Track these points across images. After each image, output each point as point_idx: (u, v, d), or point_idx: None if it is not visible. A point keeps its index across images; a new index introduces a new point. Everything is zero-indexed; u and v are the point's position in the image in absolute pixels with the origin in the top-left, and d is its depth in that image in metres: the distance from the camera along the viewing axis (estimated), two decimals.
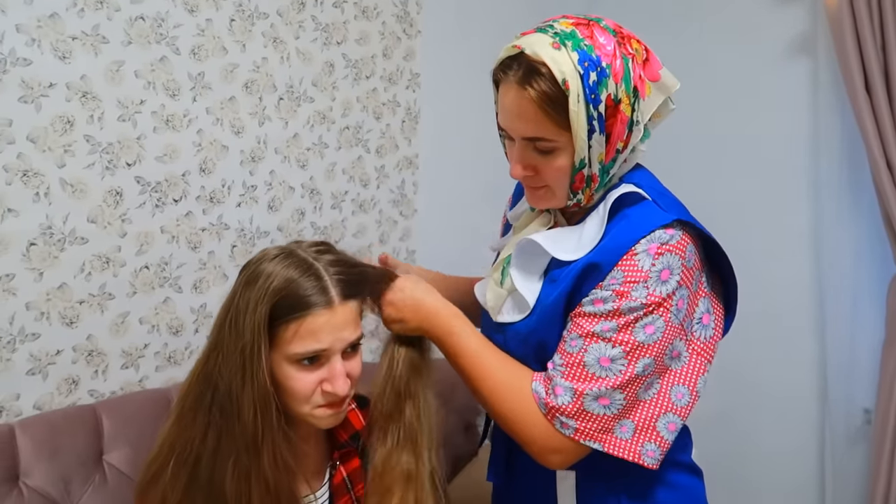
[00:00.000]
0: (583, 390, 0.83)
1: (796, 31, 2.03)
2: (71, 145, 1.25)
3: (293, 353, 0.83)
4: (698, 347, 0.89)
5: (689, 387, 0.87)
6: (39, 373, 1.25)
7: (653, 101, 0.87)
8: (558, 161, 0.85)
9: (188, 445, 0.85)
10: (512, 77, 0.84)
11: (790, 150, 2.07)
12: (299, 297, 0.83)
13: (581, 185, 0.88)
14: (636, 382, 0.83)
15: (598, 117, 0.82)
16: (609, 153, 0.86)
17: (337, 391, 0.84)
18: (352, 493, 0.96)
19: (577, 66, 0.80)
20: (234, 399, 0.82)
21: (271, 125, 1.57)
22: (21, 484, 1.13)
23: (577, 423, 0.83)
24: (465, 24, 1.99)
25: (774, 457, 2.14)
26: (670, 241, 0.84)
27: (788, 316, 2.09)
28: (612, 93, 0.82)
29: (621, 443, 0.84)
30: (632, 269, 0.83)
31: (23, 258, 1.21)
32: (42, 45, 1.21)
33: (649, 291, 0.82)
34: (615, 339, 0.83)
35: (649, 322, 0.83)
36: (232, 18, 1.48)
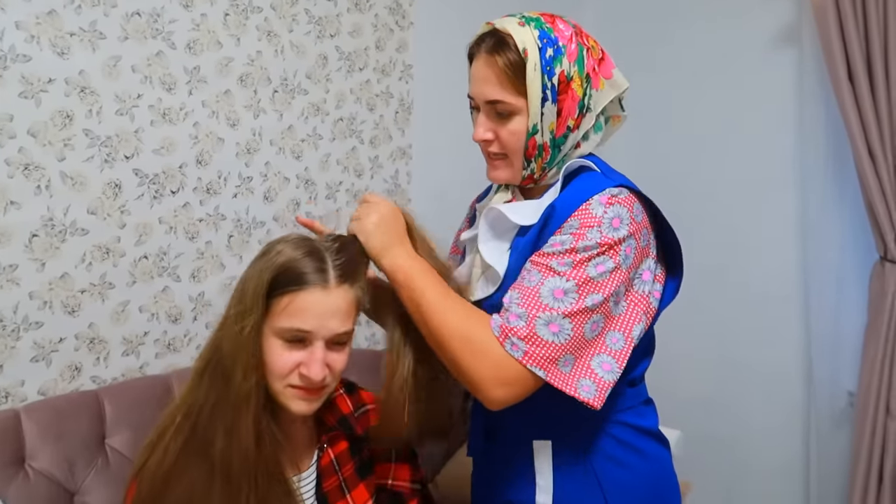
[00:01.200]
0: (535, 314, 0.88)
1: (782, 22, 2.06)
2: (70, 139, 1.29)
3: (280, 326, 0.88)
4: (635, 298, 0.95)
5: (623, 333, 0.93)
6: (43, 360, 1.29)
7: (605, 95, 0.99)
8: (514, 124, 0.96)
9: (192, 406, 0.90)
10: (483, 48, 0.97)
11: (776, 139, 2.11)
12: (298, 272, 0.88)
13: (533, 153, 0.97)
14: (584, 315, 0.88)
15: (552, 88, 0.94)
16: (560, 127, 0.96)
17: (311, 375, 0.87)
18: (339, 473, 1.00)
19: (537, 41, 0.94)
20: (231, 359, 0.87)
21: (266, 117, 1.61)
22: (27, 466, 1.17)
23: (527, 346, 0.87)
24: (457, 16, 2.02)
25: (761, 437, 2.19)
26: (619, 195, 0.93)
27: (775, 301, 2.14)
28: (565, 69, 0.94)
29: (562, 374, 0.88)
30: (586, 215, 0.92)
31: (25, 249, 1.25)
32: (41, 42, 1.24)
33: (602, 234, 0.90)
34: (569, 274, 0.89)
35: (600, 262, 0.90)
36: (226, 13, 1.51)
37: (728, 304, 2.24)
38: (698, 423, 2.26)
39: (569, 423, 0.98)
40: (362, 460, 1.04)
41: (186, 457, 0.89)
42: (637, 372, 1.03)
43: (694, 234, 2.25)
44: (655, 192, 2.39)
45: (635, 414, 1.03)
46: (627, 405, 1.02)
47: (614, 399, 0.98)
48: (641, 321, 0.94)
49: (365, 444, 1.05)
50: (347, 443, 1.02)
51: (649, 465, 1.02)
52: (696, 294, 2.26)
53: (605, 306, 0.90)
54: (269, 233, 1.63)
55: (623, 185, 0.96)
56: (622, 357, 0.91)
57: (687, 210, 2.28)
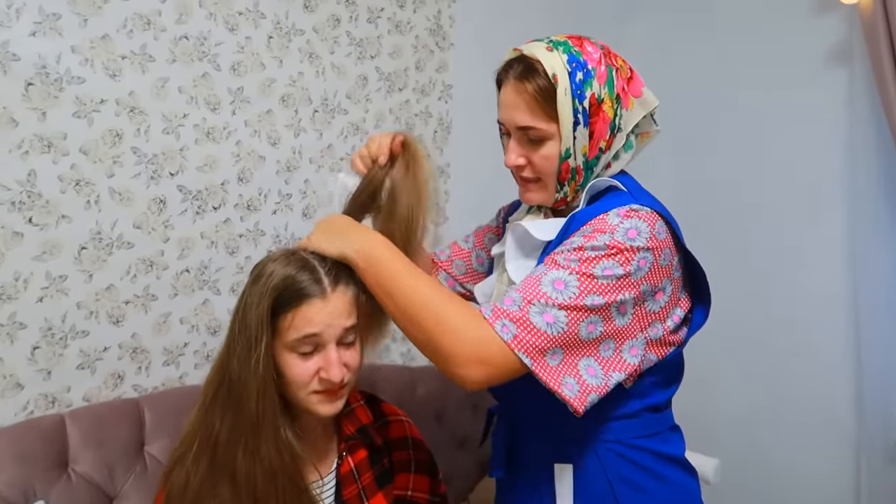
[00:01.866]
0: (531, 299, 0.86)
1: (832, 40, 2.01)
2: (119, 157, 1.35)
3: (290, 340, 0.92)
4: (640, 314, 0.92)
5: (615, 343, 0.90)
6: (88, 367, 1.34)
7: (635, 114, 0.99)
8: (547, 149, 0.96)
9: (209, 430, 0.94)
10: (512, 74, 0.97)
11: (825, 160, 2.05)
12: (296, 289, 0.92)
13: (567, 176, 0.97)
14: (581, 312, 0.85)
15: (583, 112, 0.94)
16: (592, 149, 0.96)
17: (332, 377, 0.92)
18: (359, 482, 1.02)
19: (566, 65, 0.94)
20: (243, 385, 0.91)
21: (306, 136, 1.65)
22: (70, 470, 1.22)
23: (517, 329, 0.84)
24: (496, 37, 2.04)
25: (807, 469, 2.11)
26: (640, 211, 0.91)
27: (822, 327, 2.06)
28: (595, 92, 0.94)
29: (548, 366, 0.85)
30: (601, 223, 0.91)
31: (75, 261, 1.31)
32: (94, 65, 1.30)
33: (614, 238, 0.88)
34: (572, 268, 0.87)
35: (608, 266, 0.87)
36: (270, 35, 1.56)
37: (772, 329, 2.17)
38: (739, 453, 2.19)
39: (590, 447, 0.97)
40: (382, 470, 1.05)
41: (212, 479, 0.93)
42: (659, 398, 1.00)
43: (738, 256, 2.22)
44: (700, 212, 2.37)
45: (660, 440, 1.00)
46: (651, 431, 0.99)
47: (636, 424, 0.96)
48: (635, 338, 0.92)
49: (385, 454, 1.06)
50: (367, 452, 1.04)
51: (673, 493, 0.99)
52: (739, 319, 2.21)
53: (606, 311, 0.87)
54: None
55: (646, 204, 0.94)
56: (609, 366, 0.89)
57: (732, 230, 2.24)
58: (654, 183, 2.45)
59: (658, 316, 0.94)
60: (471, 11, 1.99)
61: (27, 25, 1.21)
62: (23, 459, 1.17)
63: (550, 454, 1.00)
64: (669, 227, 0.95)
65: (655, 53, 2.42)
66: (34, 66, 1.23)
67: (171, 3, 1.40)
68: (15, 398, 1.25)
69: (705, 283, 1.00)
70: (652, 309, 0.93)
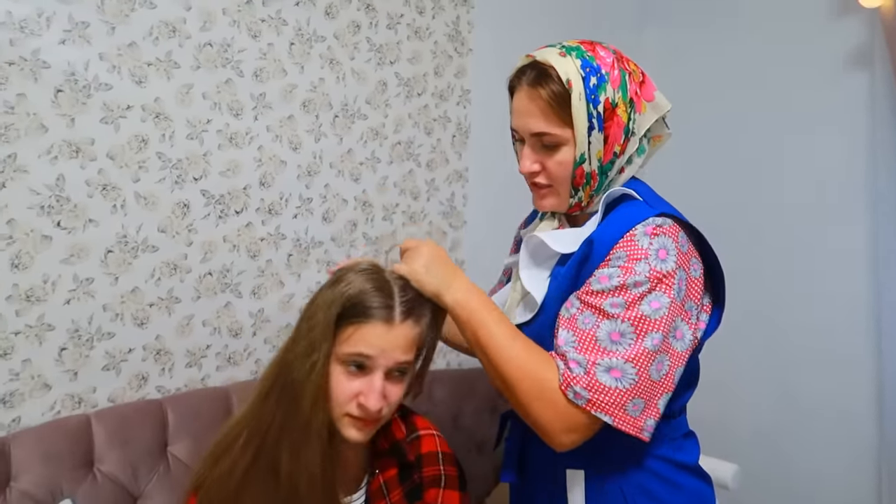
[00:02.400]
0: (595, 361, 0.86)
1: (852, 44, 2.00)
2: (145, 162, 1.37)
3: (344, 353, 0.91)
4: (694, 331, 0.93)
5: (683, 367, 0.91)
6: (113, 368, 1.37)
7: (647, 118, 0.98)
8: (561, 155, 0.96)
9: (261, 421, 0.94)
10: (525, 81, 0.97)
11: (847, 164, 2.03)
12: (365, 306, 0.91)
13: (581, 182, 0.97)
14: (646, 357, 0.86)
15: (597, 116, 0.94)
16: (607, 154, 0.96)
17: (369, 405, 0.90)
18: (388, 498, 1.01)
19: (580, 70, 0.94)
20: (300, 385, 0.91)
21: (327, 141, 1.67)
22: (96, 469, 1.24)
23: (589, 394, 0.85)
24: (514, 42, 2.05)
25: (826, 476, 2.09)
26: (663, 225, 0.91)
27: (842, 332, 2.05)
28: (609, 97, 0.94)
29: (629, 418, 0.86)
30: (632, 247, 0.89)
31: (101, 264, 1.33)
32: (121, 72, 1.33)
33: (651, 266, 0.88)
34: (623, 315, 0.87)
35: (654, 298, 0.87)
36: (292, 42, 1.58)
37: (791, 334, 2.16)
38: (758, 458, 2.18)
39: (603, 453, 0.97)
40: (412, 486, 1.05)
41: (255, 472, 0.93)
42: (672, 405, 1.00)
43: (756, 261, 2.21)
44: (718, 218, 2.36)
45: (673, 447, 1.00)
46: (664, 438, 0.99)
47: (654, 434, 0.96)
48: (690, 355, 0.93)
49: (415, 470, 1.06)
50: (397, 468, 1.04)
51: (686, 500, 0.99)
52: (757, 323, 2.19)
53: (666, 344, 0.88)
54: (327, 252, 1.68)
55: (666, 213, 0.94)
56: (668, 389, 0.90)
57: (750, 235, 2.23)
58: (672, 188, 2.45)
59: (697, 325, 0.95)
60: (489, 17, 2.00)
61: (57, 33, 1.24)
62: (50, 459, 1.19)
63: (563, 459, 1.00)
64: (689, 232, 0.95)
65: (673, 58, 2.42)
66: (63, 73, 1.26)
67: (195, 10, 1.42)
68: (42, 398, 1.28)
69: (722, 286, 1.00)
70: (696, 322, 0.94)
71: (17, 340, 1.24)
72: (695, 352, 0.98)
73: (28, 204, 1.23)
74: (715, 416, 2.16)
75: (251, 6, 1.51)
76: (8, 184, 1.21)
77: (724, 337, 1.03)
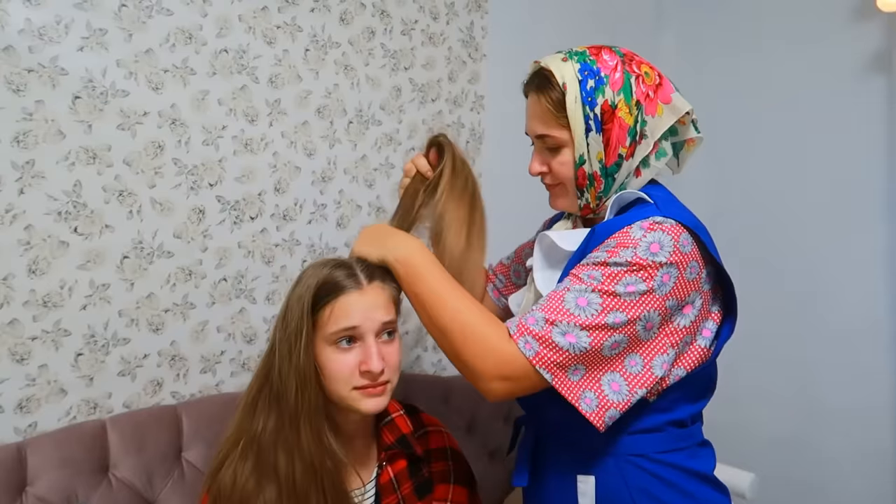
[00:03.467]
0: (554, 320, 0.87)
1: (870, 47, 1.98)
2: (161, 168, 1.38)
3: (330, 332, 0.94)
4: (669, 330, 0.92)
5: (644, 359, 0.90)
6: (129, 374, 1.37)
7: (664, 121, 0.98)
8: (563, 156, 0.99)
9: (252, 430, 0.96)
10: (532, 87, 1.02)
11: (865, 169, 2.01)
12: (333, 283, 0.96)
13: (584, 183, 0.99)
14: (604, 331, 0.86)
15: (595, 118, 0.95)
16: (609, 156, 0.97)
17: (371, 367, 0.93)
18: (398, 492, 1.02)
19: (577, 74, 0.96)
20: (283, 381, 0.94)
21: (341, 147, 1.67)
22: (111, 475, 1.24)
23: (539, 347, 0.86)
24: (528, 48, 2.04)
25: (846, 484, 2.06)
26: (663, 223, 0.91)
27: (860, 337, 2.02)
28: (608, 99, 0.95)
29: (568, 381, 0.87)
30: (624, 237, 0.91)
31: (117, 269, 1.34)
32: (138, 78, 1.34)
33: (636, 253, 0.88)
34: (595, 286, 0.88)
35: (631, 283, 0.87)
36: (307, 48, 1.59)
37: (809, 339, 2.14)
38: (776, 466, 2.15)
39: (613, 460, 0.96)
40: (421, 480, 1.06)
41: (257, 478, 0.95)
42: (684, 413, 0.99)
43: (777, 267, 2.19)
44: (736, 220, 2.33)
45: (686, 455, 0.98)
46: (676, 446, 0.98)
47: (660, 438, 0.95)
48: (666, 353, 0.91)
49: (424, 464, 1.06)
50: (406, 462, 1.04)
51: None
52: (776, 329, 2.17)
53: (631, 328, 0.88)
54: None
55: (672, 216, 0.93)
56: (636, 383, 0.89)
57: (768, 238, 2.21)
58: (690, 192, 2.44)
59: (689, 330, 0.93)
60: (503, 23, 2.00)
61: (75, 41, 1.25)
62: (65, 464, 1.20)
63: (574, 465, 1.00)
64: (697, 238, 0.94)
65: (690, 62, 2.41)
66: (81, 79, 1.26)
67: (211, 17, 1.43)
68: (59, 404, 1.28)
69: (733, 295, 0.98)
70: (682, 324, 0.93)
71: (33, 346, 1.25)
72: (707, 361, 0.97)
73: (45, 210, 1.24)
74: (732, 423, 2.13)
75: (267, 13, 1.51)
76: (26, 189, 1.21)
77: (741, 342, 1.02)
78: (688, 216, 0.96)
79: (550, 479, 1.05)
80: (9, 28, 1.18)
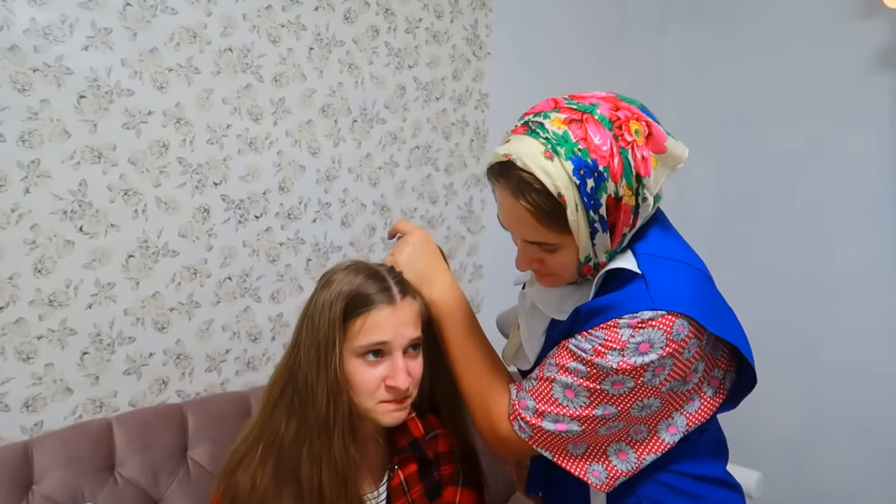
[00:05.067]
0: (543, 411, 0.87)
1: (877, 45, 1.97)
2: (166, 167, 1.38)
3: (359, 345, 0.93)
4: (670, 400, 0.87)
5: (648, 427, 0.89)
6: (134, 373, 1.37)
7: (660, 175, 0.83)
8: (563, 258, 0.86)
9: (274, 432, 0.95)
10: (504, 186, 0.82)
11: (872, 166, 2.00)
12: (366, 295, 0.94)
13: (590, 271, 0.88)
14: (594, 421, 0.86)
15: (600, 219, 0.80)
16: (615, 239, 0.84)
17: (398, 385, 0.92)
18: (408, 495, 1.02)
19: (573, 177, 0.77)
20: (311, 388, 0.92)
21: (345, 146, 1.67)
22: (116, 473, 1.24)
23: (532, 433, 0.88)
24: (532, 46, 2.04)
25: (852, 493, 2.05)
26: (652, 320, 0.80)
27: (869, 338, 2.02)
28: (611, 193, 0.79)
29: (571, 457, 0.88)
30: (613, 335, 0.82)
31: (122, 268, 1.34)
32: (143, 77, 1.34)
33: (623, 359, 0.81)
34: (581, 381, 0.85)
35: (619, 380, 0.83)
36: (311, 47, 1.59)
37: (816, 337, 2.13)
38: (782, 466, 2.14)
39: None
40: (431, 483, 1.05)
41: (277, 482, 0.94)
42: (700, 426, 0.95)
43: (784, 265, 2.18)
44: (742, 219, 2.31)
45: (698, 463, 0.96)
46: (689, 455, 0.95)
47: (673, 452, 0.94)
48: (672, 417, 0.89)
49: (434, 467, 1.06)
50: (417, 465, 1.04)
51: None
52: (782, 327, 2.16)
53: (624, 415, 0.86)
54: (346, 257, 1.68)
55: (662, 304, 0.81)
56: (644, 450, 0.88)
57: (775, 238, 2.20)
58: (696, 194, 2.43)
59: (692, 391, 0.89)
60: (507, 21, 1.99)
61: (80, 40, 1.25)
62: (72, 462, 1.20)
63: None
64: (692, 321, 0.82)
65: (695, 60, 2.40)
66: (86, 79, 1.26)
67: (216, 16, 1.43)
68: (65, 402, 1.28)
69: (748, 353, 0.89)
70: (684, 389, 0.88)
71: (39, 345, 1.25)
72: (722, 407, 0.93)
73: (51, 209, 1.24)
74: (739, 422, 2.11)
75: (271, 12, 1.51)
76: (31, 189, 1.22)
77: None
78: (681, 276, 0.85)
79: (563, 489, 1.03)
80: (14, 27, 1.18)
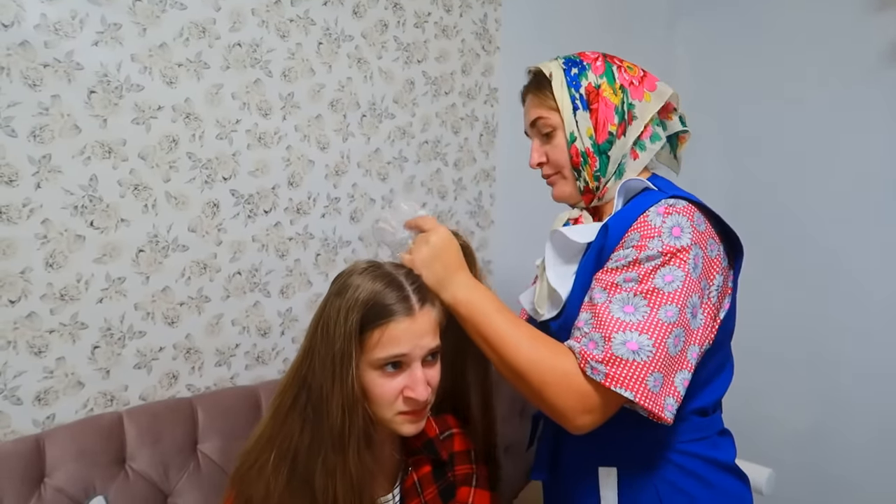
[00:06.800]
0: (610, 335, 0.85)
1: (890, 39, 1.95)
2: (175, 162, 1.38)
3: (377, 358, 0.90)
4: (711, 311, 0.93)
5: (699, 347, 0.90)
6: (144, 367, 1.38)
7: (652, 105, 1.03)
8: (557, 139, 1.05)
9: (287, 441, 0.93)
10: (526, 88, 1.12)
11: (885, 161, 1.98)
12: (384, 305, 0.90)
13: (578, 160, 1.03)
14: (661, 329, 0.85)
15: (580, 98, 1.02)
16: (600, 132, 1.01)
17: (417, 397, 0.90)
18: (421, 496, 1.01)
19: (562, 65, 1.05)
20: (325, 400, 0.89)
21: (354, 141, 1.67)
22: (127, 467, 1.25)
23: (607, 369, 0.84)
24: (542, 40, 2.03)
25: (863, 491, 2.04)
26: (676, 205, 0.92)
27: (883, 333, 1.99)
28: (591, 81, 1.02)
29: (651, 394, 0.84)
30: (645, 227, 0.91)
31: (132, 263, 1.34)
32: (152, 72, 1.34)
33: (664, 242, 0.89)
34: (636, 289, 0.87)
35: (667, 272, 0.87)
36: (320, 42, 1.58)
37: (828, 333, 2.11)
38: (793, 463, 2.13)
39: (635, 451, 0.96)
40: (445, 484, 1.05)
41: (290, 491, 0.92)
42: (706, 400, 0.98)
43: (794, 260, 2.16)
44: (755, 216, 2.30)
45: (708, 445, 0.98)
46: (698, 435, 0.97)
47: (683, 427, 0.95)
48: (711, 334, 0.93)
49: (449, 468, 1.05)
50: (430, 466, 1.03)
51: (722, 500, 0.97)
52: (794, 322, 2.15)
53: (683, 318, 0.86)
54: (355, 252, 1.68)
55: (680, 196, 0.95)
56: (693, 370, 0.89)
57: (787, 234, 2.18)
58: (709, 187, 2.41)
59: (717, 307, 0.94)
60: (517, 15, 1.99)
61: (90, 35, 1.26)
62: (83, 456, 1.21)
63: (595, 457, 1.00)
64: (708, 214, 0.95)
65: (706, 54, 2.38)
66: (96, 74, 1.27)
67: (225, 11, 1.43)
68: (76, 396, 1.29)
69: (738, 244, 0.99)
70: (714, 303, 0.93)
71: (51, 339, 1.26)
72: (722, 341, 0.97)
73: (62, 204, 1.25)
74: (750, 418, 2.11)
75: (280, 6, 1.51)
76: (42, 184, 1.22)
77: (763, 337, 1.01)
78: (692, 197, 0.97)
79: (571, 473, 1.04)
80: (24, 23, 1.19)
